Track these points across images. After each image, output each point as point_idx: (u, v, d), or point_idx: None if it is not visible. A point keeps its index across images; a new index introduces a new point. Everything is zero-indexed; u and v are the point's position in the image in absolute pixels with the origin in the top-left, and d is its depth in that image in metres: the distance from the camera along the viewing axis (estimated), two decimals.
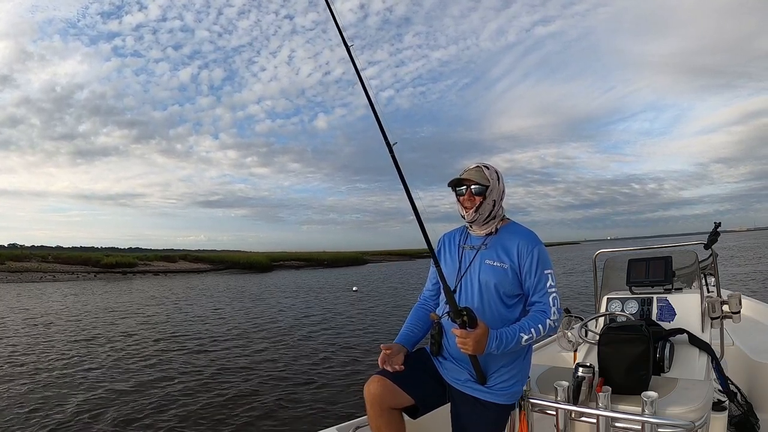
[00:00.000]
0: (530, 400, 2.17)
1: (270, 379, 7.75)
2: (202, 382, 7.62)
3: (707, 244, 3.33)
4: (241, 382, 7.58)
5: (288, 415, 6.08)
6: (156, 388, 7.31)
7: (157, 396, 6.94)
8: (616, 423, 1.95)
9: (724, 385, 2.77)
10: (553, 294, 2.00)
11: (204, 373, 8.23)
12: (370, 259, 71.20)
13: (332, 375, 7.89)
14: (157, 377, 8.00)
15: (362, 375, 7.71)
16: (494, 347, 1.86)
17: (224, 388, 7.30)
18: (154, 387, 7.39)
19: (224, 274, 45.89)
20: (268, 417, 6.05)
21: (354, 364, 8.64)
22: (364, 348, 9.98)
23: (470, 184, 2.07)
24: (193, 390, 7.21)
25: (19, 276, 37.38)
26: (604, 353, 2.21)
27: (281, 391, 7.08)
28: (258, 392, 7.05)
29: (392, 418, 2.05)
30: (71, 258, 45.66)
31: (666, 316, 3.04)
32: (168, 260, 51.78)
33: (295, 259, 62.01)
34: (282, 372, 8.20)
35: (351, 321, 13.90)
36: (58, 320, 15.06)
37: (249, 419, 5.98)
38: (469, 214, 2.08)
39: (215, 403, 6.57)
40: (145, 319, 15.22)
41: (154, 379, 7.85)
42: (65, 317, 15.76)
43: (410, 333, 2.23)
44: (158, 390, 7.23)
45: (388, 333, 11.53)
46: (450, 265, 2.16)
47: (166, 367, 8.68)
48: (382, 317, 14.39)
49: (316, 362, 8.83)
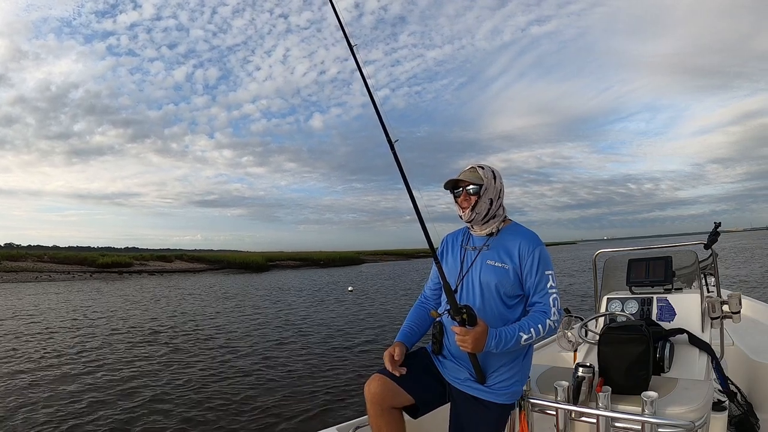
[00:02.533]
0: (530, 400, 2.17)
1: (268, 379, 7.72)
2: (200, 383, 7.59)
3: (707, 244, 3.33)
4: (239, 383, 7.55)
5: (288, 415, 6.05)
6: (153, 389, 7.28)
7: (154, 396, 6.90)
8: (616, 423, 1.95)
9: (724, 385, 2.77)
10: (554, 295, 2.00)
11: (201, 373, 8.20)
12: (366, 259, 71.24)
13: (330, 375, 7.87)
14: (154, 377, 7.96)
15: (360, 374, 7.71)
16: (493, 346, 1.86)
17: (222, 388, 7.27)
18: (151, 387, 7.36)
19: (220, 274, 45.84)
20: (267, 417, 6.02)
21: (351, 363, 8.62)
22: (362, 347, 9.97)
23: (465, 185, 2.10)
24: (191, 391, 7.18)
25: (15, 276, 37.24)
26: (604, 353, 2.21)
27: (280, 391, 7.05)
28: (256, 392, 7.03)
29: (392, 417, 2.05)
30: (67, 258, 45.54)
31: (666, 316, 3.04)
32: (164, 260, 51.71)
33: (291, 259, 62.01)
34: (280, 372, 8.18)
35: (347, 320, 13.88)
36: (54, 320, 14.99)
37: (248, 419, 5.95)
38: (466, 214, 2.10)
39: (214, 404, 6.54)
40: (141, 319, 15.16)
41: (151, 380, 7.82)
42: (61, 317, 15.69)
43: (410, 331, 2.23)
44: (156, 390, 7.19)
45: (385, 333, 11.54)
46: (451, 265, 2.16)
47: (163, 368, 8.64)
48: (378, 317, 14.37)
49: (314, 362, 8.81)
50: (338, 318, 14.49)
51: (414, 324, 2.25)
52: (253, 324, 13.67)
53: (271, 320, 14.41)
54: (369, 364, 8.42)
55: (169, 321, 14.56)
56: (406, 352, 2.13)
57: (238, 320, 14.53)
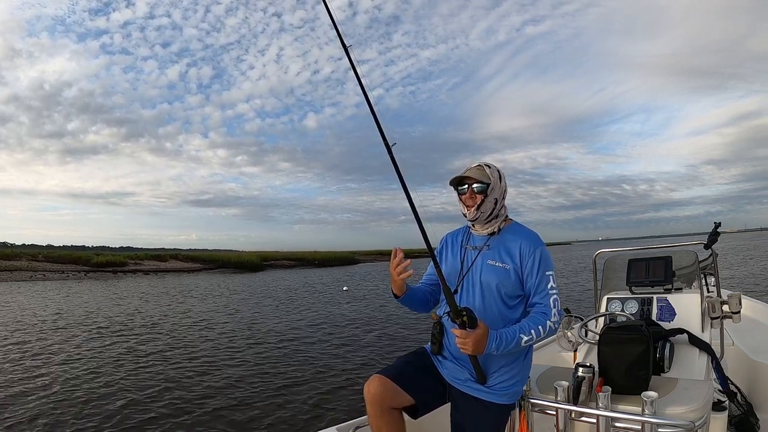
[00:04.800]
0: (530, 400, 2.16)
1: (266, 379, 7.68)
2: (196, 383, 7.55)
3: (707, 244, 3.34)
4: (236, 383, 7.50)
5: (287, 416, 6.02)
6: (150, 389, 7.23)
7: (152, 397, 6.86)
8: (616, 423, 1.95)
9: (724, 385, 2.77)
10: (554, 295, 2.00)
11: (197, 374, 8.16)
12: (361, 259, 71.20)
13: (328, 375, 7.84)
14: (151, 378, 7.92)
15: (358, 374, 7.69)
16: (494, 348, 1.86)
17: (218, 388, 7.23)
18: (147, 388, 7.31)
19: (215, 274, 45.76)
20: (267, 417, 5.98)
21: (349, 363, 8.59)
22: (359, 347, 9.95)
23: (472, 182, 2.07)
24: (189, 391, 7.13)
25: (9, 275, 37.09)
26: (604, 353, 2.20)
27: (279, 391, 7.02)
28: (254, 393, 6.99)
29: (392, 418, 2.03)
30: (62, 257, 45.41)
31: (666, 316, 3.04)
32: (159, 259, 51.62)
33: (286, 259, 61.99)
34: (278, 372, 8.14)
35: (343, 320, 13.85)
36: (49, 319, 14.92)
37: (247, 420, 5.92)
38: (470, 213, 2.08)
39: (212, 404, 6.50)
40: (136, 319, 15.10)
41: (148, 380, 7.77)
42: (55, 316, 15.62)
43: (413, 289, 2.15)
44: (153, 390, 7.15)
45: (381, 333, 11.52)
46: (451, 265, 2.15)
47: (160, 367, 8.59)
48: (374, 317, 14.33)
49: (312, 362, 8.78)
50: (334, 318, 14.46)
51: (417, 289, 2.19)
52: (249, 324, 13.62)
53: (267, 320, 14.36)
54: (367, 364, 8.40)
55: (165, 321, 14.49)
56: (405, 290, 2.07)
57: (233, 320, 14.48)
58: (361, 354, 9.35)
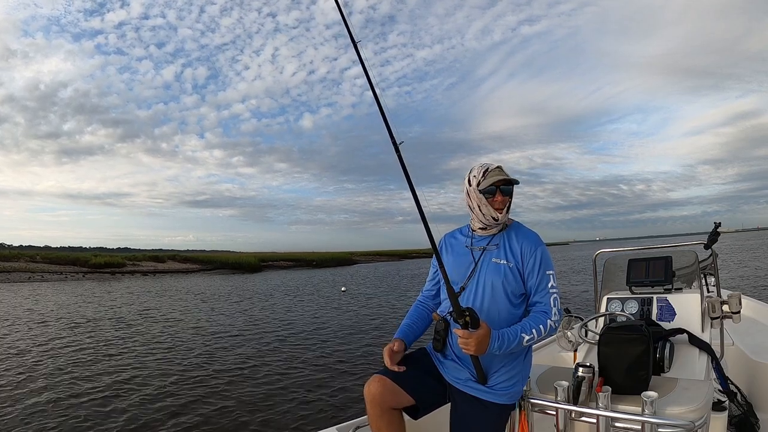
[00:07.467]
0: (530, 400, 2.16)
1: (265, 380, 7.68)
2: (196, 383, 7.54)
3: (707, 244, 3.33)
4: (235, 383, 7.51)
5: (286, 416, 6.02)
6: (150, 389, 7.22)
7: (152, 397, 6.85)
8: (616, 423, 1.94)
9: (724, 385, 2.77)
10: (554, 295, 2.01)
11: (197, 373, 8.15)
12: (359, 260, 71.22)
13: (328, 375, 7.84)
14: (150, 378, 7.91)
15: (357, 375, 7.69)
16: (496, 348, 1.86)
17: (218, 388, 7.23)
18: (147, 388, 7.30)
19: (213, 275, 45.72)
20: (266, 417, 5.98)
21: (348, 363, 8.60)
22: (358, 348, 9.95)
23: (506, 184, 2.04)
24: (188, 391, 7.13)
25: (7, 276, 37.02)
26: (604, 353, 2.20)
27: (278, 392, 7.01)
28: (254, 393, 6.98)
29: (392, 418, 2.03)
30: (60, 258, 45.35)
31: (666, 316, 3.04)
32: (157, 260, 51.57)
33: (283, 260, 62.00)
34: (278, 372, 8.14)
35: (341, 321, 13.85)
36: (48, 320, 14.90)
37: (247, 420, 5.91)
38: (502, 215, 2.06)
39: (210, 404, 6.50)
40: (136, 320, 15.09)
41: (148, 381, 7.76)
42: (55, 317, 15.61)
43: (410, 329, 2.20)
44: (153, 390, 7.14)
45: (380, 333, 11.53)
46: (455, 266, 2.13)
47: (160, 367, 8.59)
48: (373, 317, 14.35)
49: (311, 362, 8.78)
50: (332, 318, 14.46)
51: (413, 322, 2.23)
52: (247, 324, 13.62)
53: (265, 321, 14.36)
54: (366, 365, 8.41)
55: (164, 322, 14.49)
56: (405, 350, 2.12)
57: (232, 321, 14.47)
58: (360, 354, 9.35)
